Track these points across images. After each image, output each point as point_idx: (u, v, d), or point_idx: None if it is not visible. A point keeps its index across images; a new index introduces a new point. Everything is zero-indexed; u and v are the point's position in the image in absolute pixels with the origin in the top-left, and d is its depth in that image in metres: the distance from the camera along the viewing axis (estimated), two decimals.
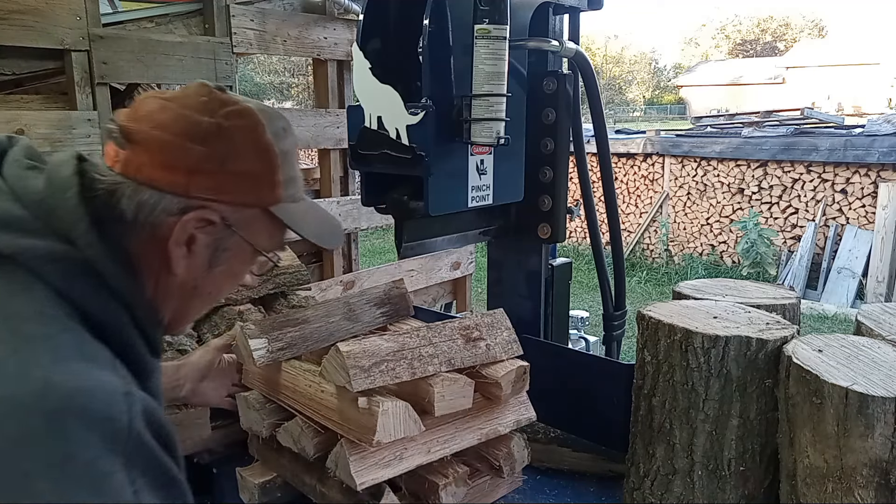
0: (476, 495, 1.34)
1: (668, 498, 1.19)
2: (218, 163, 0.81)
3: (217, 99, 0.83)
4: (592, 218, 1.79)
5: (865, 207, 7.49)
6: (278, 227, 0.90)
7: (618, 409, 1.38)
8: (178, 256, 0.82)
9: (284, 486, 1.41)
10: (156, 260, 0.82)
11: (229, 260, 0.87)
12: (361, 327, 1.51)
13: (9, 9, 1.83)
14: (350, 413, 1.17)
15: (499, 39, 1.26)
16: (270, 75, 28.06)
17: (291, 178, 0.89)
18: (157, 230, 0.80)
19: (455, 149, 1.35)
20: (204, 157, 0.80)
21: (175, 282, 0.84)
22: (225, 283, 0.92)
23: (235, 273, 0.91)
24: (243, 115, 0.83)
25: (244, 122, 0.83)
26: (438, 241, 1.57)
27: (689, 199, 8.98)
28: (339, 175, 2.94)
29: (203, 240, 0.83)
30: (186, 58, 2.27)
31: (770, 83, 32.70)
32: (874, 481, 0.93)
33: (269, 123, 0.85)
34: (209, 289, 0.89)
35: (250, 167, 0.83)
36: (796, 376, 1.01)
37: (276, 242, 0.92)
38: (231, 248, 0.86)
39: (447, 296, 3.50)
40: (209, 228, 0.82)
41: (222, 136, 0.81)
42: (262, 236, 0.89)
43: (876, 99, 22.58)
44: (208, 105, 0.82)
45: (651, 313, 1.22)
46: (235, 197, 0.83)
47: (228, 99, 0.84)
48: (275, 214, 0.87)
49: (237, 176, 0.82)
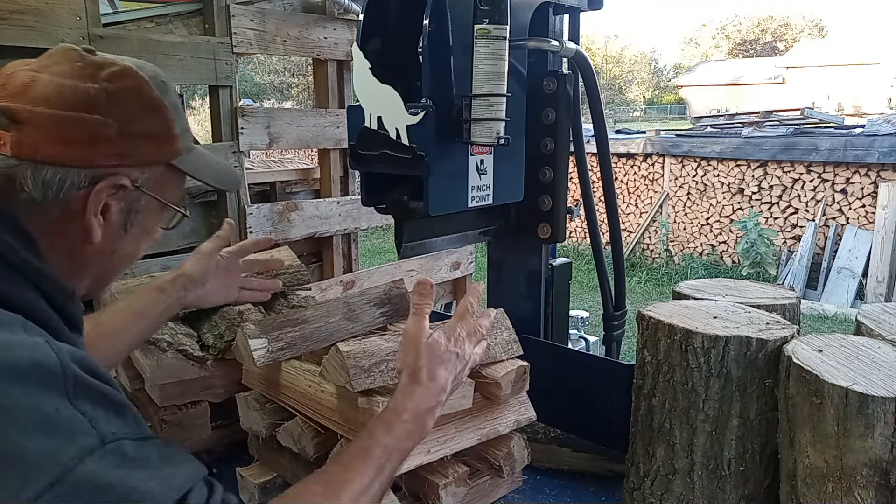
0: (476, 495, 1.34)
1: (668, 498, 1.19)
2: (116, 128, 0.81)
3: (92, 63, 0.82)
4: (592, 218, 1.79)
5: (865, 207, 7.49)
6: (181, 179, 0.93)
7: (618, 409, 1.38)
8: (94, 226, 0.82)
9: (284, 486, 1.41)
10: (70, 233, 0.82)
11: (142, 220, 0.89)
12: (361, 327, 1.51)
13: (9, 9, 1.83)
14: (350, 413, 1.17)
15: (499, 39, 1.26)
16: (270, 75, 28.08)
17: (186, 130, 0.91)
18: (68, 205, 0.80)
19: (455, 149, 1.35)
20: (101, 125, 0.80)
21: (93, 250, 0.84)
22: (141, 243, 0.93)
23: (149, 231, 0.93)
24: (126, 75, 0.83)
25: (129, 82, 0.83)
26: (438, 241, 1.57)
27: (689, 199, 8.99)
28: (339, 175, 2.93)
29: (116, 206, 0.84)
30: (186, 58, 2.27)
31: (770, 83, 32.71)
32: (874, 481, 0.93)
33: (151, 79, 0.86)
34: (127, 250, 0.91)
35: (148, 126, 0.84)
36: (796, 376, 1.01)
37: (181, 194, 0.95)
38: (143, 208, 0.88)
39: (447, 296, 3.50)
40: (120, 194, 0.83)
41: (113, 101, 0.81)
42: (170, 191, 0.91)
43: (876, 99, 22.58)
44: (86, 70, 0.81)
45: (651, 313, 1.22)
46: (140, 158, 0.84)
47: (103, 61, 0.83)
48: (177, 167, 0.89)
49: (137, 137, 0.83)
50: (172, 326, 1.51)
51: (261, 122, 2.52)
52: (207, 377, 1.51)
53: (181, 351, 1.48)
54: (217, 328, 1.54)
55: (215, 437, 1.56)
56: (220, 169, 1.02)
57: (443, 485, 1.24)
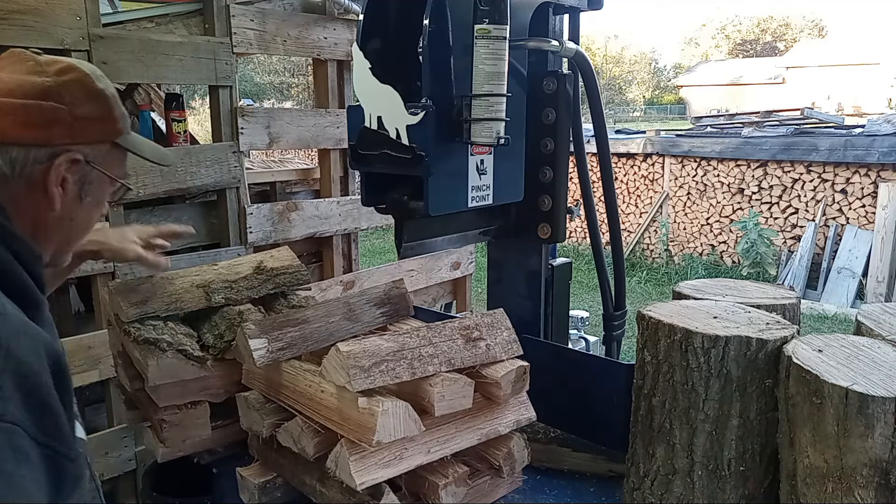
0: (476, 495, 1.34)
1: (668, 498, 1.19)
2: (67, 112, 0.97)
3: (42, 61, 0.98)
4: (592, 218, 1.79)
5: (865, 207, 7.49)
6: (123, 157, 1.10)
7: (618, 409, 1.38)
8: (55, 195, 0.97)
9: (284, 486, 1.41)
10: (35, 203, 0.97)
11: (94, 191, 1.04)
12: (361, 327, 1.51)
13: (9, 9, 1.83)
14: (350, 413, 1.17)
15: (499, 39, 1.26)
16: (270, 75, 28.08)
17: (124, 114, 1.08)
18: (32, 178, 0.95)
19: (455, 149, 1.35)
20: (55, 111, 0.96)
21: (54, 217, 0.99)
22: (94, 213, 1.08)
23: (99, 202, 1.08)
24: (70, 69, 1.00)
25: (74, 75, 1.00)
26: (438, 241, 1.57)
27: (689, 199, 8.98)
28: (339, 175, 2.93)
29: (72, 178, 0.99)
30: (186, 58, 2.27)
31: (770, 83, 32.69)
32: (874, 481, 0.93)
33: (91, 73, 1.02)
34: (83, 218, 1.06)
35: (92, 110, 1.01)
36: (796, 376, 1.01)
37: (124, 170, 1.12)
38: (94, 180, 1.03)
39: (447, 296, 3.50)
40: (75, 168, 0.99)
41: (63, 90, 0.97)
42: (115, 166, 1.07)
43: (876, 99, 22.56)
44: (38, 68, 0.97)
45: (651, 313, 1.22)
46: (89, 137, 1.01)
47: (50, 59, 0.99)
48: (120, 145, 1.07)
49: (86, 120, 0.99)
50: (172, 326, 1.51)
51: (261, 122, 2.52)
52: (207, 377, 1.51)
53: (181, 351, 1.48)
54: (217, 328, 1.54)
55: (215, 437, 1.56)
56: (156, 148, 1.23)
57: (443, 485, 1.24)
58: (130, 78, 2.22)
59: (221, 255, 2.35)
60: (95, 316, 2.15)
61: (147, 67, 2.17)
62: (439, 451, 1.25)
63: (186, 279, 1.58)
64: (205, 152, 2.38)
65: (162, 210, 2.39)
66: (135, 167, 2.14)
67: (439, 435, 1.25)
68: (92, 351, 2.06)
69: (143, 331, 1.46)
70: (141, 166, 2.17)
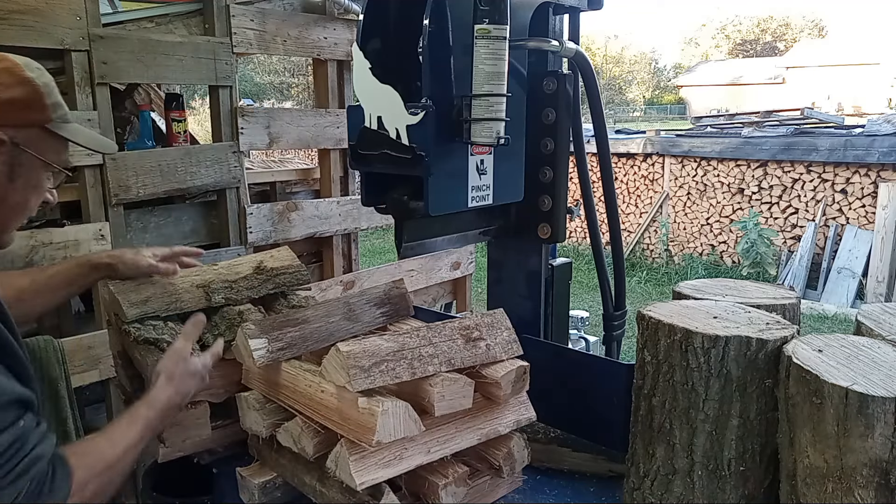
0: (476, 495, 1.34)
1: (668, 498, 1.19)
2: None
3: None
4: (592, 218, 1.79)
5: (865, 207, 7.48)
6: (61, 143, 1.14)
7: (618, 409, 1.38)
8: None
9: (284, 486, 1.41)
10: None
11: (26, 174, 1.09)
12: (361, 327, 1.51)
13: (9, 9, 1.83)
14: (350, 413, 1.17)
15: (499, 39, 1.26)
16: (270, 75, 28.07)
17: (58, 103, 1.13)
18: None
19: (455, 149, 1.35)
20: None
21: None
22: (30, 195, 1.13)
23: (35, 185, 1.12)
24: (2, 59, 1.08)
25: (4, 64, 1.08)
26: (438, 241, 1.57)
27: (689, 199, 8.98)
28: (339, 175, 2.93)
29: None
30: (186, 58, 2.27)
31: (770, 83, 32.67)
32: (874, 481, 0.93)
33: (24, 64, 1.09)
34: (17, 199, 1.10)
35: (17, 95, 1.06)
36: (796, 376, 1.01)
37: (63, 157, 1.16)
38: (25, 163, 1.08)
39: (447, 296, 3.50)
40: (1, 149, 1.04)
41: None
42: (49, 152, 1.11)
43: (876, 99, 22.54)
44: None
45: (651, 313, 1.22)
46: (13, 120, 1.06)
47: None
48: (54, 132, 1.11)
49: (9, 103, 1.05)
50: (172, 326, 1.51)
51: (261, 122, 2.52)
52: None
53: None
54: (217, 328, 1.54)
55: (215, 437, 1.56)
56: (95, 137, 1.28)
57: (443, 485, 1.24)
58: (130, 78, 2.22)
59: (221, 255, 2.35)
60: (95, 316, 2.15)
61: (147, 67, 2.17)
62: (439, 451, 1.25)
63: (186, 279, 1.58)
64: (205, 152, 2.38)
65: (162, 210, 2.39)
66: (135, 167, 2.15)
67: (439, 435, 1.25)
68: (92, 351, 2.05)
69: (143, 331, 1.46)
70: (141, 166, 2.18)
